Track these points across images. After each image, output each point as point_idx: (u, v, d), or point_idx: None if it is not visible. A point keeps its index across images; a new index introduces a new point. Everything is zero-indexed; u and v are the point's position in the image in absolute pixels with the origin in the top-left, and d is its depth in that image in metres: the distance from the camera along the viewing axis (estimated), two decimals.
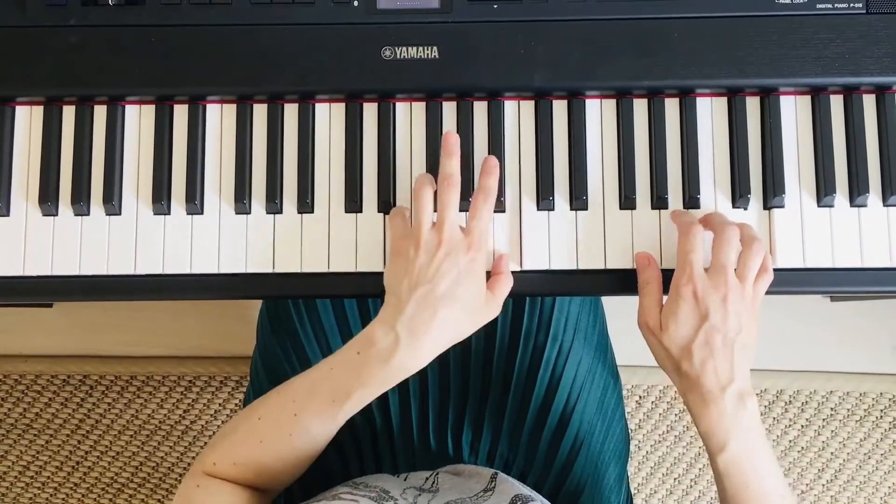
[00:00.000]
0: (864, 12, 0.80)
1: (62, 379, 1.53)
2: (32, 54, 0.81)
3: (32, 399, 1.54)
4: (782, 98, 0.82)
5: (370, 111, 0.83)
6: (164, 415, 1.54)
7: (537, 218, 0.81)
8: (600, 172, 0.82)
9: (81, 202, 0.81)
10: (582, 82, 0.81)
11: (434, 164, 0.81)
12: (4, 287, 0.81)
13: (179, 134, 0.82)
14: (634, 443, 1.54)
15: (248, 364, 1.11)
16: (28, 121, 0.82)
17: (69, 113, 0.82)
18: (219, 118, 0.83)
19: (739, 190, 0.80)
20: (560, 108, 0.82)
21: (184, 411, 1.54)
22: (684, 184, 0.81)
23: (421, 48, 0.81)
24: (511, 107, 0.82)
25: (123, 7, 0.81)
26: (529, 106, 0.82)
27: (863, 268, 0.80)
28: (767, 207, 0.81)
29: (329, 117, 0.83)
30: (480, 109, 0.82)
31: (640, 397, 1.54)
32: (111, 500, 1.56)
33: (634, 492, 1.54)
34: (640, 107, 0.82)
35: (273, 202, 0.81)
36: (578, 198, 0.81)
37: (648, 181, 0.81)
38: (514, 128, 0.82)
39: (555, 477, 0.89)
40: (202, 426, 1.54)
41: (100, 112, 0.82)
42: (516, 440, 0.89)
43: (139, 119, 0.83)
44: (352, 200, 0.81)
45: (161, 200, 0.81)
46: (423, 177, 0.77)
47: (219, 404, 1.54)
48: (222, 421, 1.54)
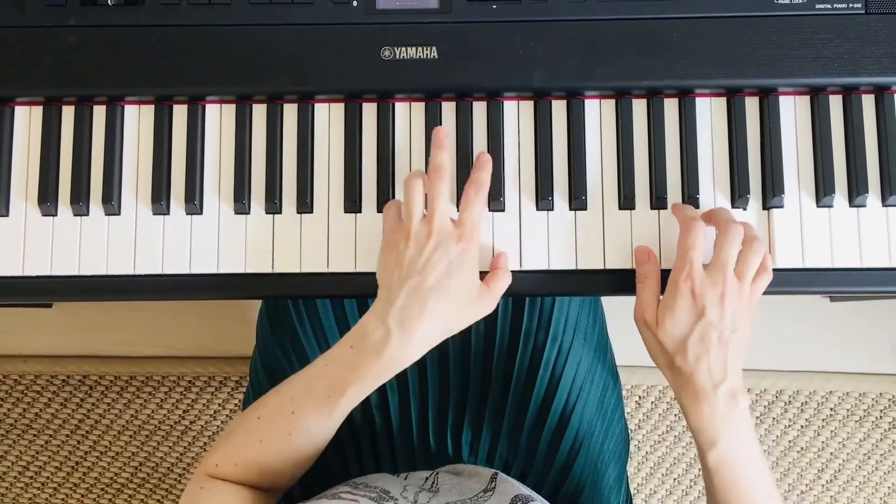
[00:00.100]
0: (863, 12, 0.80)
1: (62, 379, 1.53)
2: (32, 54, 0.81)
3: (32, 399, 1.54)
4: (781, 98, 0.82)
5: (369, 111, 0.83)
6: (164, 415, 1.54)
7: (536, 218, 0.81)
8: (599, 172, 0.82)
9: (81, 202, 0.81)
10: (581, 82, 0.81)
11: None
12: (4, 287, 0.81)
13: (179, 134, 0.82)
14: (634, 443, 1.54)
15: (248, 364, 1.11)
16: (27, 121, 0.82)
17: (68, 113, 0.82)
18: (218, 118, 0.83)
19: (739, 190, 0.80)
20: (559, 109, 0.82)
21: (183, 411, 1.54)
22: (683, 184, 0.81)
23: (420, 48, 0.81)
24: (510, 107, 0.83)
25: (123, 7, 0.81)
26: (529, 106, 0.83)
27: (862, 268, 0.80)
28: (766, 207, 0.81)
29: (328, 117, 0.83)
30: (480, 109, 0.82)
31: (640, 397, 1.54)
32: (111, 501, 1.56)
33: (634, 492, 1.54)
34: (640, 107, 0.82)
35: (272, 202, 0.81)
36: (577, 198, 0.81)
37: (647, 181, 0.81)
38: (514, 128, 0.82)
39: (554, 477, 0.89)
40: (202, 426, 1.54)
41: (99, 112, 0.82)
42: (516, 440, 0.89)
43: (138, 119, 0.83)
44: (351, 200, 0.81)
45: (160, 200, 0.81)
46: (415, 171, 0.77)
47: (218, 404, 1.54)
48: (222, 421, 1.54)
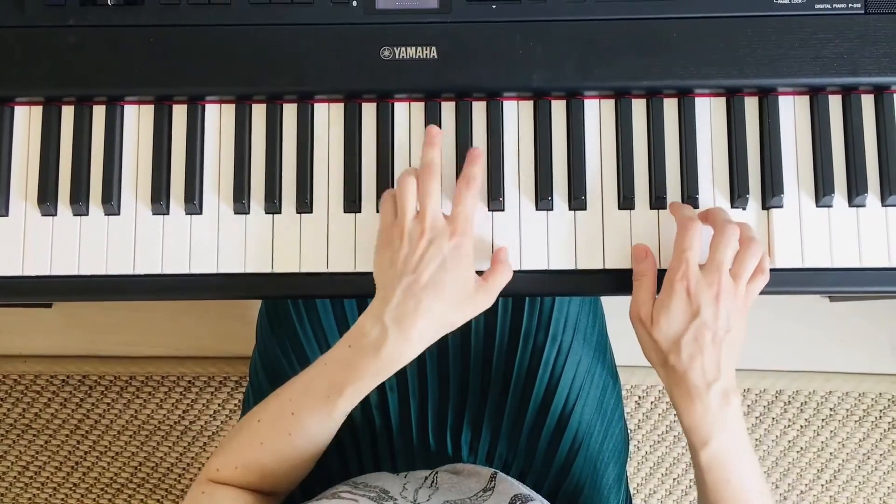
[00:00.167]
0: (863, 12, 0.80)
1: (61, 379, 1.53)
2: (31, 54, 0.81)
3: (32, 399, 1.54)
4: (781, 98, 0.82)
5: (369, 111, 0.83)
6: (164, 415, 1.54)
7: (536, 218, 0.81)
8: (599, 172, 0.82)
9: (80, 202, 0.81)
10: (580, 82, 0.81)
11: None
12: (4, 287, 0.81)
13: (178, 134, 0.82)
14: (634, 443, 1.54)
15: (248, 364, 1.11)
16: (27, 121, 0.82)
17: (68, 113, 0.82)
18: (218, 118, 0.83)
19: (738, 190, 0.81)
20: (559, 108, 0.82)
21: (183, 411, 1.54)
22: (683, 184, 0.81)
23: (420, 48, 0.81)
24: (510, 107, 0.83)
25: (122, 7, 0.81)
26: (528, 106, 0.83)
27: (861, 268, 0.80)
28: (766, 207, 0.81)
29: (328, 117, 0.83)
30: (479, 109, 0.82)
31: (640, 397, 1.54)
32: (110, 500, 1.56)
33: (634, 492, 1.55)
34: (639, 107, 0.82)
35: (272, 202, 0.81)
36: (577, 198, 0.81)
37: (647, 181, 0.82)
38: (513, 128, 0.82)
39: (554, 477, 0.89)
40: (201, 426, 1.54)
41: (99, 112, 0.82)
42: (515, 440, 0.89)
43: (138, 119, 0.83)
44: (350, 200, 0.81)
45: (160, 200, 0.81)
46: (407, 169, 0.77)
47: (218, 404, 1.54)
48: (222, 421, 1.55)
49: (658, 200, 0.81)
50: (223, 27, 0.81)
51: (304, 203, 0.81)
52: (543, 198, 0.80)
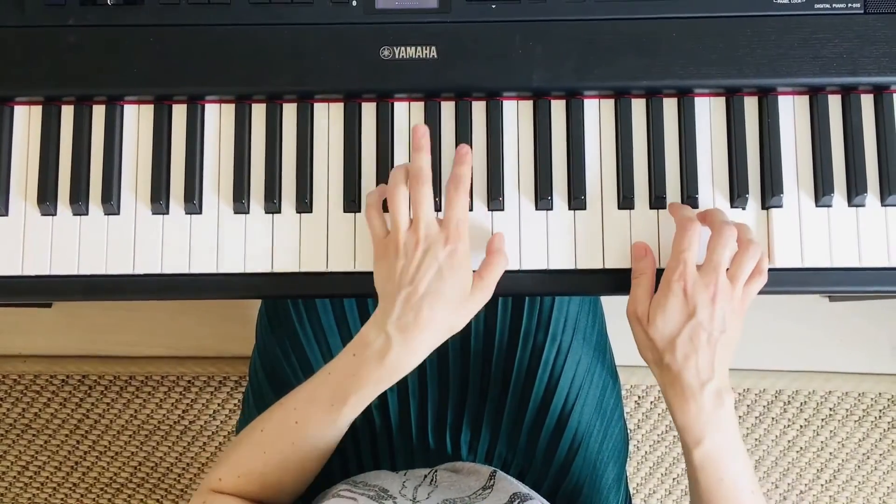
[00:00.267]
0: (862, 12, 0.81)
1: (61, 379, 1.53)
2: (31, 54, 0.81)
3: (31, 399, 1.54)
4: (780, 98, 0.82)
5: (369, 111, 0.83)
6: (163, 415, 1.54)
7: (535, 217, 0.81)
8: (598, 172, 0.82)
9: (80, 202, 0.81)
10: (580, 82, 0.81)
11: (433, 164, 0.80)
12: (3, 287, 0.81)
13: (178, 134, 0.82)
14: (633, 443, 1.54)
15: (248, 364, 1.11)
16: (27, 120, 0.83)
17: (68, 113, 0.82)
18: (217, 118, 0.83)
19: (738, 190, 0.81)
20: (558, 108, 0.82)
21: (183, 411, 1.54)
22: (682, 184, 0.81)
23: (419, 48, 0.81)
24: (510, 107, 0.83)
25: (122, 7, 0.81)
26: (528, 106, 0.83)
27: (861, 267, 0.80)
28: (766, 207, 0.81)
29: (328, 117, 0.83)
30: (479, 109, 0.82)
31: (640, 397, 1.54)
32: (110, 500, 1.56)
33: (633, 492, 1.55)
34: (639, 107, 0.82)
35: (272, 202, 0.81)
36: (577, 197, 0.81)
37: (647, 181, 0.82)
38: (513, 128, 0.82)
39: (553, 476, 0.89)
40: (201, 426, 1.54)
41: (98, 112, 0.82)
42: (515, 440, 0.89)
43: (138, 119, 0.83)
44: (350, 200, 0.81)
45: (160, 200, 0.81)
46: (397, 174, 0.75)
47: (218, 404, 1.54)
48: (221, 421, 1.55)
49: (658, 200, 0.81)
50: (223, 27, 0.81)
51: (304, 203, 0.81)
52: (543, 197, 0.80)
